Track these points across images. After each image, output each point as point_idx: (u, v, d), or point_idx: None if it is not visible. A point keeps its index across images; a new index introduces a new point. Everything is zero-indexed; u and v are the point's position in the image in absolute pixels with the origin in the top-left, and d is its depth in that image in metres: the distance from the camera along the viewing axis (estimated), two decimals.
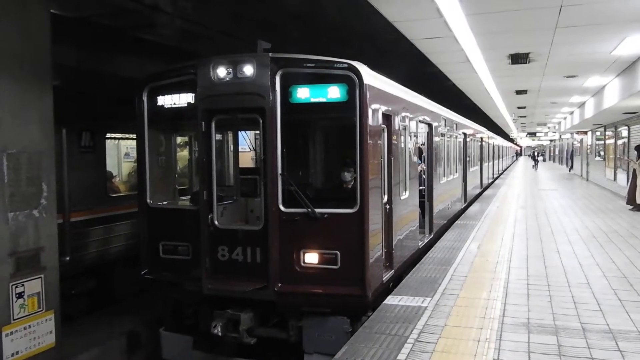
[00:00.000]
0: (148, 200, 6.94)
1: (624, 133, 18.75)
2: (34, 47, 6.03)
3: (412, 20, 7.45)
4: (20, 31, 5.86)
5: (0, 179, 5.64)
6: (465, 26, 7.73)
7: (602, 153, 24.08)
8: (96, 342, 7.29)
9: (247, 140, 9.10)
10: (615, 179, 20.50)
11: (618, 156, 20.08)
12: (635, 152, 15.05)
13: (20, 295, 5.85)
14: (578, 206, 16.21)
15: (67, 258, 7.99)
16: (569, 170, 39.03)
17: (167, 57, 10.64)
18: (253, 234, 6.28)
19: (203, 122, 6.38)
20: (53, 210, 6.30)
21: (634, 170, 15.00)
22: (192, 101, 6.51)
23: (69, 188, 8.11)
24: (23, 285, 5.89)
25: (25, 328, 5.93)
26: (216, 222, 6.41)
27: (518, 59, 10.19)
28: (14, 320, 5.79)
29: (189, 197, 7.67)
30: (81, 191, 8.54)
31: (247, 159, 10.75)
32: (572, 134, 34.25)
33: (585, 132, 28.64)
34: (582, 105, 20.42)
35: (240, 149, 8.76)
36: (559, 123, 33.90)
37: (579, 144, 33.94)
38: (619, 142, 20.06)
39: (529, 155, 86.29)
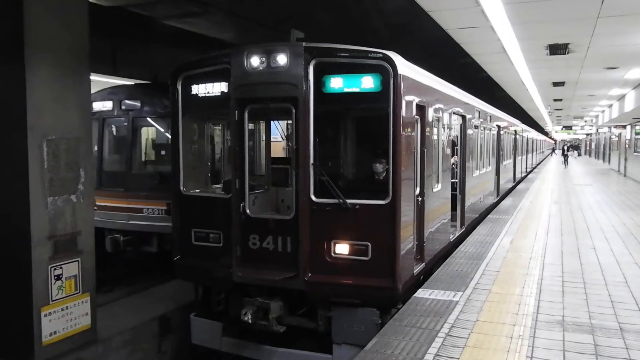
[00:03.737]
0: (181, 188, 7.03)
1: None
2: (72, 34, 6.14)
3: (448, 9, 7.30)
4: (60, 18, 5.98)
5: (40, 164, 5.79)
6: (503, 15, 7.54)
7: None
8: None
9: (279, 129, 9.11)
10: None
11: None
12: None
13: (58, 277, 6.03)
14: (615, 202, 15.74)
15: None
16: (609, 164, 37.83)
17: (201, 47, 10.77)
18: (284, 224, 6.30)
19: (236, 111, 6.40)
20: (90, 196, 6.45)
21: None
22: (226, 90, 6.53)
23: None
24: (61, 267, 6.06)
25: (62, 309, 6.11)
26: (248, 211, 6.45)
27: (557, 49, 9.91)
28: (52, 301, 5.98)
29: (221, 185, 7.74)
30: None
31: (278, 149, 10.77)
32: (610, 127, 33.21)
33: (624, 126, 27.73)
34: (621, 98, 19.76)
35: (272, 138, 8.77)
36: (597, 116, 32.92)
37: (616, 138, 32.90)
38: None
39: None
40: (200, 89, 6.82)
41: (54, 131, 5.93)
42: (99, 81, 12.91)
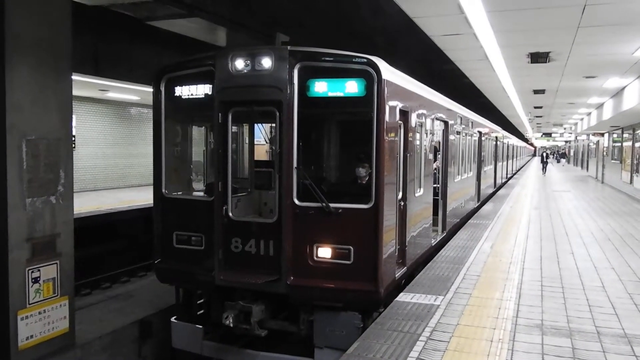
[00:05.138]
0: (163, 190, 6.97)
1: None
2: (54, 33, 6.06)
3: (432, 16, 7.37)
4: (42, 17, 5.90)
5: (19, 165, 5.69)
6: (486, 23, 7.64)
7: (618, 155, 23.76)
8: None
9: (262, 132, 9.09)
10: (631, 182, 20.22)
11: (636, 160, 19.81)
12: None
13: (36, 280, 5.92)
14: (592, 208, 16.02)
15: None
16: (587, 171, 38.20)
17: (186, 49, 10.69)
18: (267, 227, 6.29)
19: (220, 114, 6.38)
20: (70, 197, 6.35)
21: None
22: (210, 92, 6.51)
23: None
24: (39, 270, 5.96)
25: (40, 312, 6.00)
26: (230, 214, 6.42)
27: (538, 57, 10.06)
28: (29, 304, 5.87)
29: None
30: None
31: (262, 152, 10.75)
32: (588, 135, 33.81)
33: (602, 134, 28.27)
34: (600, 106, 20.14)
35: (255, 142, 8.75)
36: (576, 124, 33.50)
37: (594, 146, 33.51)
38: (637, 144, 19.78)
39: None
40: (184, 91, 6.78)
41: (33, 131, 5.84)
42: (80, 81, 12.78)
